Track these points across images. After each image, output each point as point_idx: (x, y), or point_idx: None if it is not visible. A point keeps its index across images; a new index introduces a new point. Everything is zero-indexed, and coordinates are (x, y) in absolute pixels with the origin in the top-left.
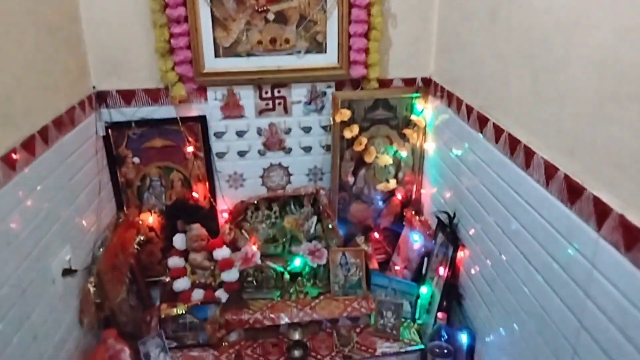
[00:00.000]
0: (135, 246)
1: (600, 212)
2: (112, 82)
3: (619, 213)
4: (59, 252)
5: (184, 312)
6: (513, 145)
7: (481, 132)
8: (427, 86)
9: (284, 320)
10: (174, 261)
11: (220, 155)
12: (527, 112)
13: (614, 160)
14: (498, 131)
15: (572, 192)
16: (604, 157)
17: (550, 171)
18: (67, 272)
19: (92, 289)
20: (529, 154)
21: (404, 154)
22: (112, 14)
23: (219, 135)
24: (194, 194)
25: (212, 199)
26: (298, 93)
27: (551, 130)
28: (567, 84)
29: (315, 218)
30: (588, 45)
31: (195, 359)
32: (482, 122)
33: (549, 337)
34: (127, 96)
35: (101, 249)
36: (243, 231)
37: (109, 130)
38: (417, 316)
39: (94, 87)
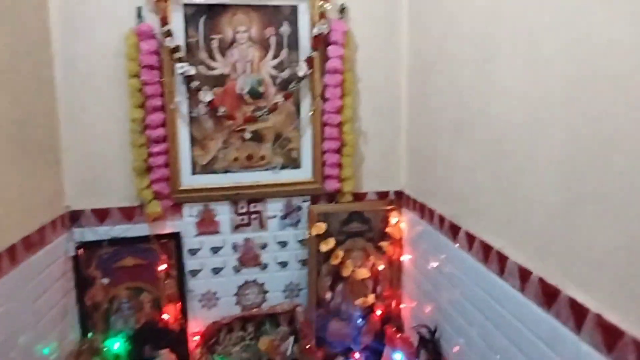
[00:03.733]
0: None
1: (578, 314)
2: (88, 201)
3: (596, 313)
4: None
5: None
6: (486, 251)
7: (455, 241)
8: (400, 199)
9: None
10: None
11: (194, 273)
12: (497, 217)
13: (587, 259)
14: (471, 239)
15: (548, 295)
16: (576, 257)
17: (524, 275)
18: None
19: None
20: (502, 259)
21: (381, 267)
22: (91, 134)
23: (193, 252)
24: (164, 316)
25: (183, 321)
26: (274, 207)
27: (521, 233)
28: (531, 188)
29: (292, 338)
30: (546, 148)
31: None
32: (454, 231)
33: None
34: (101, 215)
35: None
36: (215, 356)
37: (79, 250)
38: None
39: (67, 207)
